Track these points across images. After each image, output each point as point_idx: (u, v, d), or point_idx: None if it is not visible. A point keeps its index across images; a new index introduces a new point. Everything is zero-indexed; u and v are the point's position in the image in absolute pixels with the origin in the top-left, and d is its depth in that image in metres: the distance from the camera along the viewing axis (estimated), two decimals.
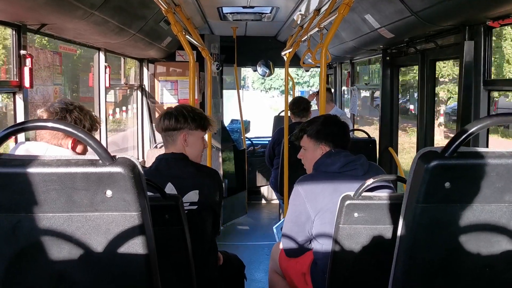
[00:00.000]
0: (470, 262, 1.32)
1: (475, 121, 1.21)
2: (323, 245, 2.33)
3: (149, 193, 1.93)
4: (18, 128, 1.17)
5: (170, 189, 2.32)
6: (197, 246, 2.31)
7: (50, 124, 1.17)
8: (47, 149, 2.01)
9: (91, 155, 1.17)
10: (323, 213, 2.30)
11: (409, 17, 3.03)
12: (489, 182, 1.22)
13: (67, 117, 2.09)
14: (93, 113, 2.22)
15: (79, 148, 2.14)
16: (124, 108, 7.41)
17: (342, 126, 2.59)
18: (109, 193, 1.14)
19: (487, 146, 2.99)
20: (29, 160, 1.13)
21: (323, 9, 3.98)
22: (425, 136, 3.96)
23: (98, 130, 2.25)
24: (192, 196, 2.35)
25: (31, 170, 1.11)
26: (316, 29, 3.69)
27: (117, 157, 1.16)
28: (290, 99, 5.38)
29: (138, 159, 6.61)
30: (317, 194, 2.34)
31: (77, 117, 2.11)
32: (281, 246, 2.60)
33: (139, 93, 6.74)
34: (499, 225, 1.28)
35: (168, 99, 6.95)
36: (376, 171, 2.44)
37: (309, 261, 2.43)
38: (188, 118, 2.42)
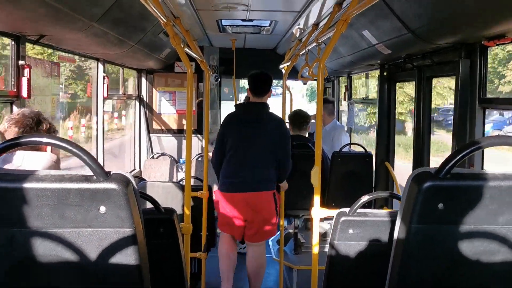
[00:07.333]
0: (464, 283, 1.32)
1: (470, 143, 1.22)
2: None
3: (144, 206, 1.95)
4: (11, 144, 1.17)
5: None
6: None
7: (44, 140, 1.17)
8: (23, 157, 2.04)
9: (85, 170, 1.16)
10: None
11: (406, 34, 3.06)
12: (482, 203, 1.22)
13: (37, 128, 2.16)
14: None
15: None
16: (121, 118, 7.41)
17: None
18: (102, 209, 1.13)
19: (482, 166, 3.00)
20: (23, 175, 1.13)
21: (321, 24, 4.00)
22: (422, 153, 3.97)
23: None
24: None
25: (25, 185, 1.11)
26: (314, 43, 3.71)
27: (111, 173, 1.16)
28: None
29: (135, 169, 6.60)
30: None
31: (49, 126, 2.21)
32: None
33: (137, 103, 6.75)
34: (492, 247, 1.28)
35: (166, 109, 6.96)
36: None
37: None
38: None
